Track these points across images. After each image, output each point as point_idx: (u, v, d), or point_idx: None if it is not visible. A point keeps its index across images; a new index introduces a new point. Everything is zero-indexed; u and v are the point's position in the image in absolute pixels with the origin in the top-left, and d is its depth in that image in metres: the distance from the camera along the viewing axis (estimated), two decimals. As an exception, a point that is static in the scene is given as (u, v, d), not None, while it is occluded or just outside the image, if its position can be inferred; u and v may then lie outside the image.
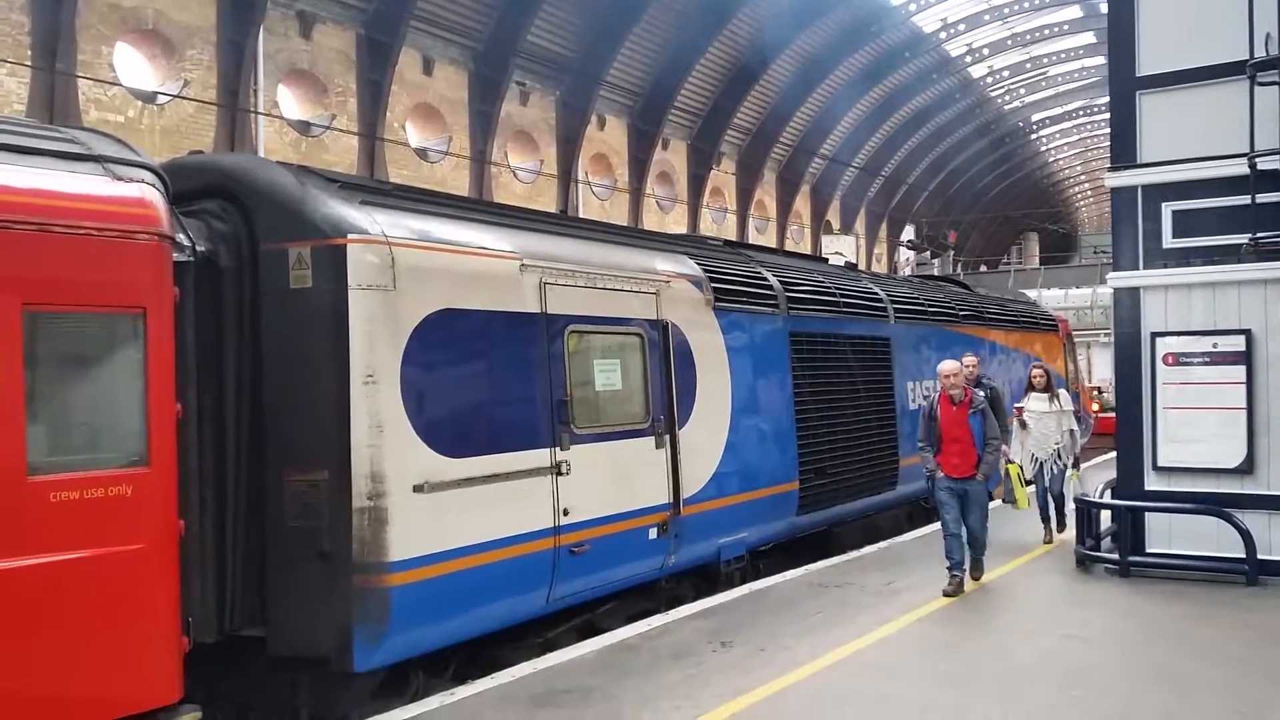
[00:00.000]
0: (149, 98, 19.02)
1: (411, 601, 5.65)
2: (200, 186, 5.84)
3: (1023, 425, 10.29)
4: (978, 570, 8.55)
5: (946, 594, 8.06)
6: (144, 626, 4.60)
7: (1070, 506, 10.08)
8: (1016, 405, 10.56)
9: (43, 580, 4.28)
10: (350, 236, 5.63)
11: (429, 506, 5.78)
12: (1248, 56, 8.18)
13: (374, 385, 5.59)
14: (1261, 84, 8.19)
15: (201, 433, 5.34)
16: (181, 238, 5.21)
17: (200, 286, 5.36)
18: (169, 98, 19.11)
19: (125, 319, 4.67)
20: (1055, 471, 10.29)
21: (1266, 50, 8.17)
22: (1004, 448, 9.45)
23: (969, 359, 9.86)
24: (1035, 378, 10.48)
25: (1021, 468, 10.18)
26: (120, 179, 4.79)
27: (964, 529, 8.32)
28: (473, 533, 6.05)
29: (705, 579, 8.53)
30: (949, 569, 8.24)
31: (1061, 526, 10.40)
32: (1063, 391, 10.65)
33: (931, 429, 8.38)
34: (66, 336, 4.64)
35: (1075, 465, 10.50)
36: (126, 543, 4.51)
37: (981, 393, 8.69)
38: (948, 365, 8.43)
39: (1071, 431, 10.29)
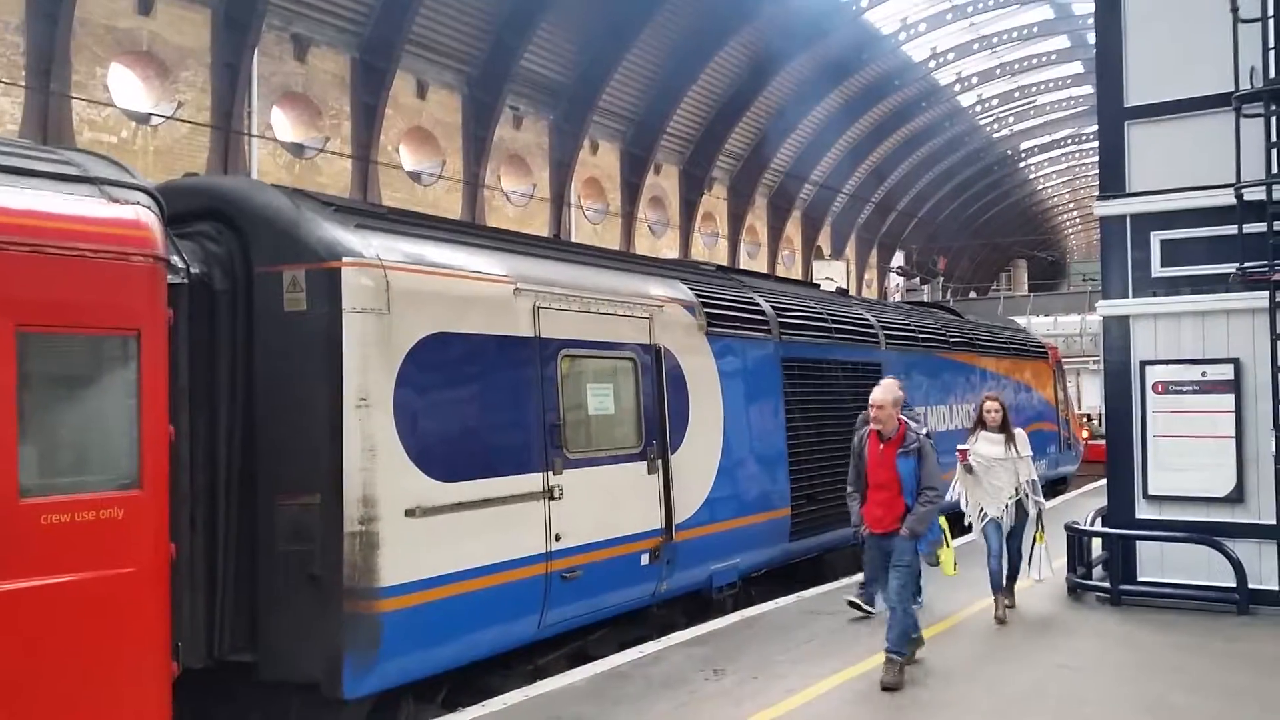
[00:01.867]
0: (143, 119, 19.06)
1: (402, 627, 5.60)
2: (195, 209, 5.83)
3: (968, 471, 8.22)
4: (905, 647, 6.66)
5: (885, 686, 6.34)
6: (133, 650, 4.55)
7: (1034, 576, 8.48)
8: (960, 447, 8.31)
9: (32, 603, 4.23)
10: (345, 260, 5.63)
11: (421, 531, 5.75)
12: (1233, 89, 8.28)
13: (367, 409, 5.58)
14: (1247, 116, 8.29)
15: (194, 455, 5.31)
16: (176, 260, 5.20)
17: (194, 309, 5.34)
18: (163, 119, 19.15)
19: (119, 341, 4.65)
20: (1012, 524, 8.37)
21: (1251, 83, 8.27)
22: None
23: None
24: (988, 412, 8.35)
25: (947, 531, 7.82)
26: (115, 201, 4.79)
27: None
28: (464, 558, 6.02)
29: (697, 605, 8.49)
30: (886, 650, 6.55)
31: (1011, 598, 8.44)
32: (1021, 433, 8.44)
33: (859, 470, 7.06)
34: (59, 358, 4.61)
35: (1040, 520, 8.45)
36: (117, 566, 4.47)
37: (919, 430, 7.02)
38: (877, 393, 6.86)
39: (1032, 483, 8.31)
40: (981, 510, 8.31)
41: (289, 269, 5.61)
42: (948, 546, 7.51)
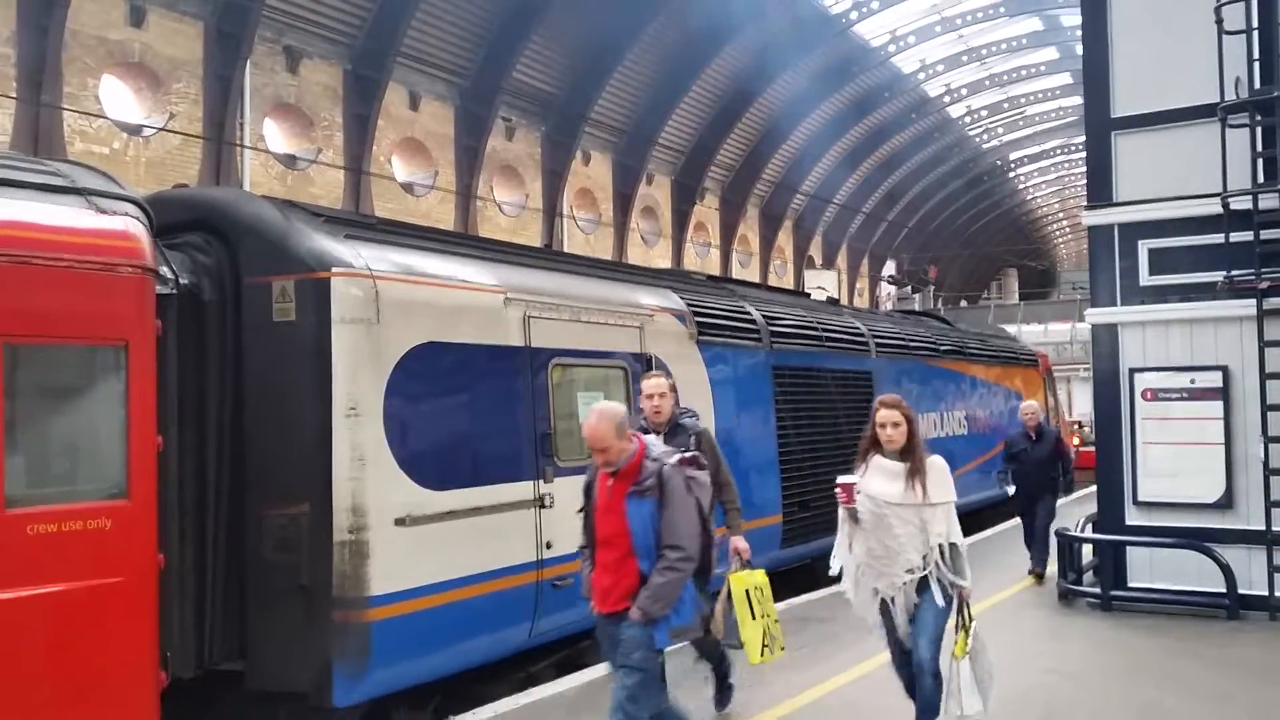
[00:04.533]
0: (134, 130, 19.05)
1: (392, 636, 5.60)
2: (184, 220, 5.84)
3: (853, 519, 5.23)
4: None
5: None
6: (121, 660, 4.54)
7: (956, 711, 5.13)
8: (843, 480, 5.22)
9: (20, 614, 4.22)
10: (334, 270, 5.64)
11: (411, 540, 5.75)
12: (1219, 99, 8.35)
13: (356, 418, 5.58)
14: (1232, 126, 8.36)
15: (182, 465, 5.30)
16: (165, 270, 5.21)
17: (183, 319, 5.34)
18: (154, 130, 19.15)
19: (107, 351, 4.65)
20: (926, 617, 5.13)
21: (1237, 93, 8.35)
22: (738, 545, 5.80)
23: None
24: (880, 426, 5.17)
25: (752, 593, 5.62)
26: (104, 212, 4.80)
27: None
28: (455, 567, 6.01)
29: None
30: None
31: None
32: (937, 463, 5.17)
33: (587, 519, 4.82)
34: (47, 369, 4.62)
35: (961, 615, 5.14)
36: (105, 576, 4.46)
37: (657, 464, 4.58)
38: (589, 419, 4.58)
39: (951, 547, 5.11)
40: (876, 590, 5.24)
41: (278, 279, 5.61)
42: (754, 618, 5.48)
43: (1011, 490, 10.74)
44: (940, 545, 5.10)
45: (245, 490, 5.55)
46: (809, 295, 14.67)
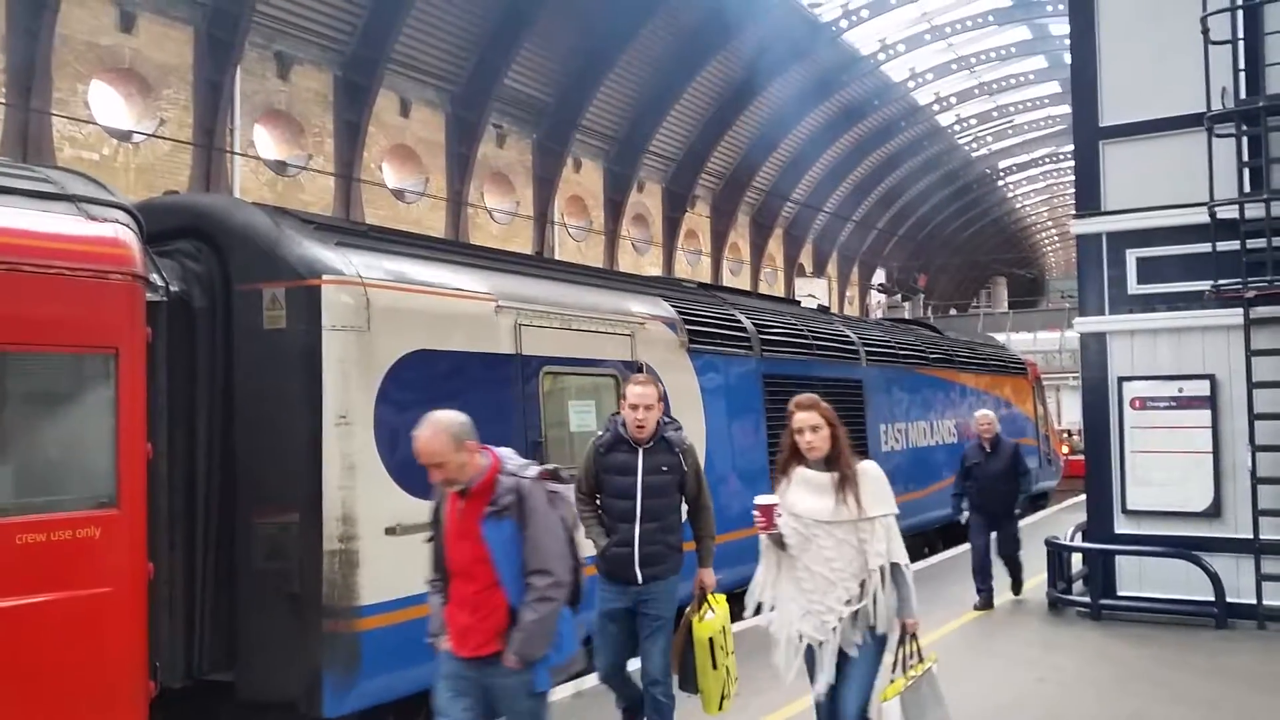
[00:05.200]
0: (124, 136, 19.00)
1: (383, 646, 5.57)
2: (175, 226, 5.82)
3: (779, 545, 4.44)
4: None
5: None
6: (110, 671, 4.51)
7: None
8: (760, 501, 4.40)
9: (7, 623, 4.19)
10: (325, 277, 5.63)
11: (401, 549, 5.73)
12: (1205, 109, 8.41)
13: (347, 426, 5.57)
14: (1219, 135, 8.42)
15: (172, 474, 5.28)
16: (155, 278, 5.19)
17: (173, 327, 5.33)
18: (144, 136, 19.09)
19: (97, 359, 4.63)
20: (858, 661, 4.37)
21: (1223, 103, 8.41)
22: (705, 580, 5.32)
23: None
24: (799, 432, 4.43)
25: (722, 635, 5.12)
26: (94, 219, 4.78)
27: None
28: (445, 575, 6.00)
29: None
30: None
31: None
32: (870, 470, 4.43)
33: (436, 547, 4.11)
34: (36, 376, 4.60)
35: (904, 652, 4.48)
36: (94, 586, 4.43)
37: (514, 479, 3.94)
38: (421, 433, 3.89)
39: (892, 569, 4.32)
40: (800, 634, 4.38)
41: (269, 287, 5.60)
42: (715, 667, 4.99)
43: (965, 518, 9.58)
44: (881, 568, 4.27)
45: (235, 499, 5.53)
46: (799, 303, 14.70)
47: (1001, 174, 53.98)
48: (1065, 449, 23.29)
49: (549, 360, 7.03)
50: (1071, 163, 10.07)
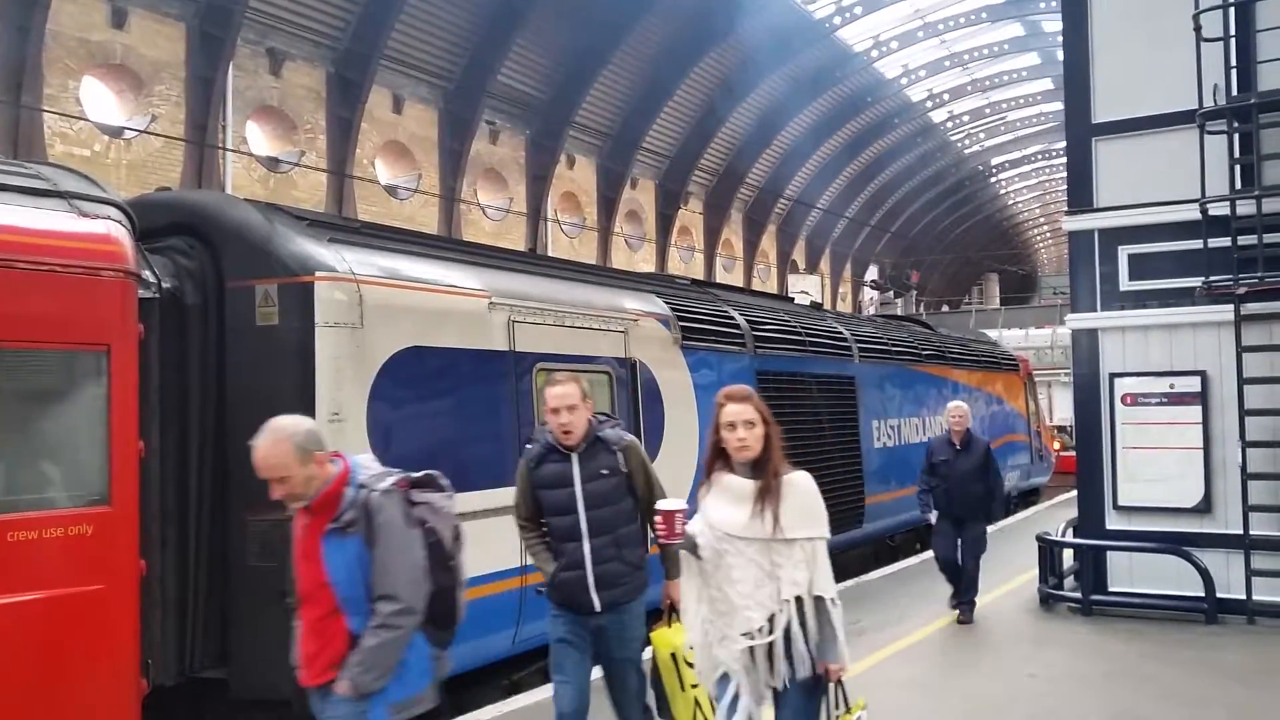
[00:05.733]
0: (116, 132, 18.93)
1: (375, 642, 5.57)
2: (167, 223, 5.81)
3: (694, 554, 3.84)
4: None
5: None
6: (102, 668, 4.51)
7: None
8: (663, 506, 3.82)
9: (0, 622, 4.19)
10: (318, 274, 5.62)
11: (394, 546, 5.73)
12: (1197, 106, 8.44)
13: (340, 423, 5.56)
14: (1210, 132, 8.45)
15: (164, 471, 5.27)
16: (147, 274, 5.18)
17: (165, 324, 5.32)
18: (136, 133, 19.02)
19: (89, 356, 4.62)
20: (784, 712, 3.71)
21: (1215, 100, 8.43)
22: (672, 593, 4.61)
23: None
24: (730, 426, 3.81)
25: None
26: (86, 215, 4.77)
27: None
28: (438, 572, 6.00)
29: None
30: None
31: None
32: (800, 482, 3.79)
33: (290, 569, 3.77)
34: (28, 373, 4.58)
35: (830, 702, 3.75)
36: (86, 583, 4.42)
37: (362, 491, 3.55)
38: (260, 444, 3.57)
39: (819, 603, 3.66)
40: (717, 662, 3.78)
41: (261, 283, 5.59)
42: (683, 689, 4.46)
43: (933, 518, 8.74)
44: (798, 600, 3.57)
45: (228, 496, 5.52)
46: (792, 300, 14.71)
47: (994, 171, 54.10)
48: (1057, 445, 23.36)
49: (542, 357, 7.03)
50: (1063, 159, 10.09)
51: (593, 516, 4.51)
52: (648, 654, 4.65)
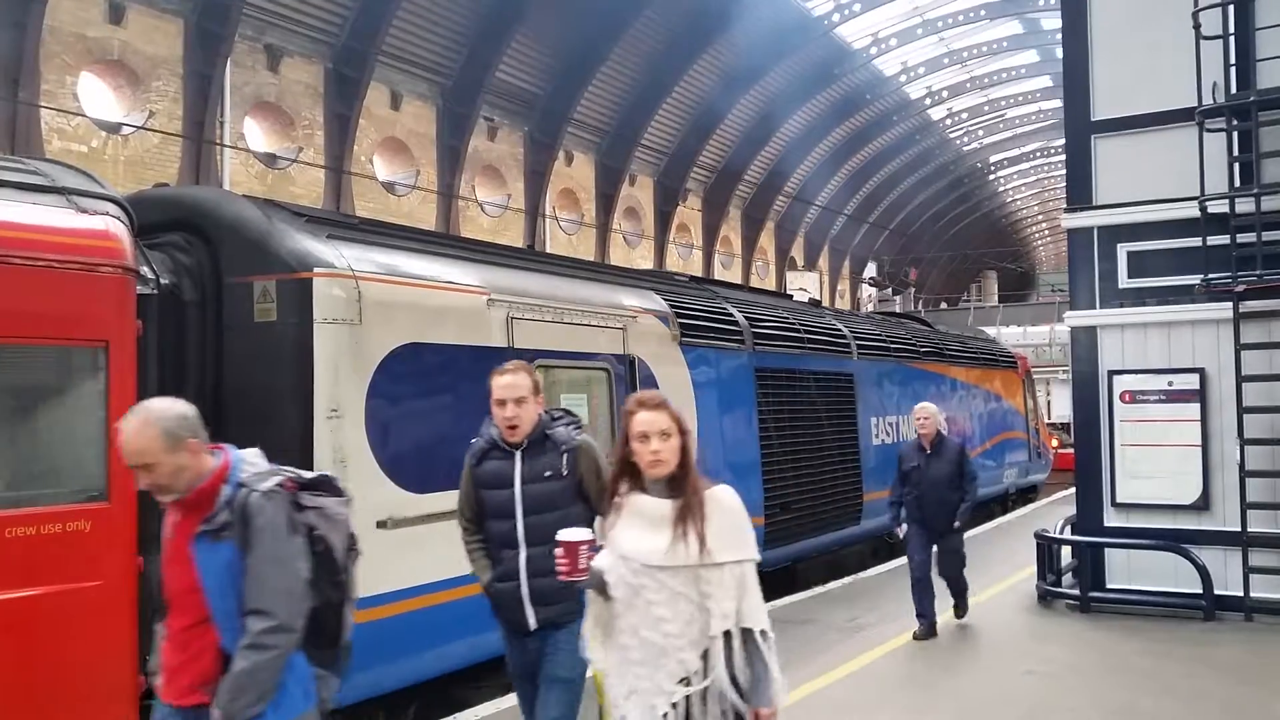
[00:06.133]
0: (113, 128, 18.89)
1: (372, 640, 5.56)
2: (165, 219, 5.80)
3: (602, 593, 3.26)
4: None
5: None
6: (100, 665, 4.50)
7: None
8: (565, 537, 3.39)
9: (-4, 618, 4.18)
10: (316, 270, 5.61)
11: (392, 543, 5.73)
12: (1196, 103, 8.44)
13: (338, 419, 5.56)
14: (1210, 130, 8.44)
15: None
16: (145, 270, 5.17)
17: (164, 319, 5.31)
18: (134, 129, 18.99)
19: (87, 352, 4.62)
20: None
21: (1214, 98, 8.43)
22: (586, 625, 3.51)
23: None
24: (643, 438, 3.20)
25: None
26: (84, 211, 4.76)
27: None
28: (436, 570, 5.99)
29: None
30: None
31: None
32: (723, 495, 3.25)
33: (157, 570, 3.53)
34: (27, 369, 4.58)
35: None
36: (84, 579, 4.42)
37: (241, 490, 3.14)
38: (126, 427, 3.15)
39: (748, 635, 3.14)
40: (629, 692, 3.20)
41: (259, 279, 5.58)
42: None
43: (902, 533, 8.17)
44: (729, 634, 3.10)
45: (226, 492, 5.51)
46: (791, 297, 14.71)
47: (992, 168, 54.10)
48: (1055, 442, 23.39)
49: (541, 353, 7.02)
50: (1062, 157, 10.09)
51: (532, 522, 3.97)
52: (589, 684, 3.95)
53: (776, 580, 10.20)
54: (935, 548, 8.10)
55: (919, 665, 7.28)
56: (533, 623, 4.00)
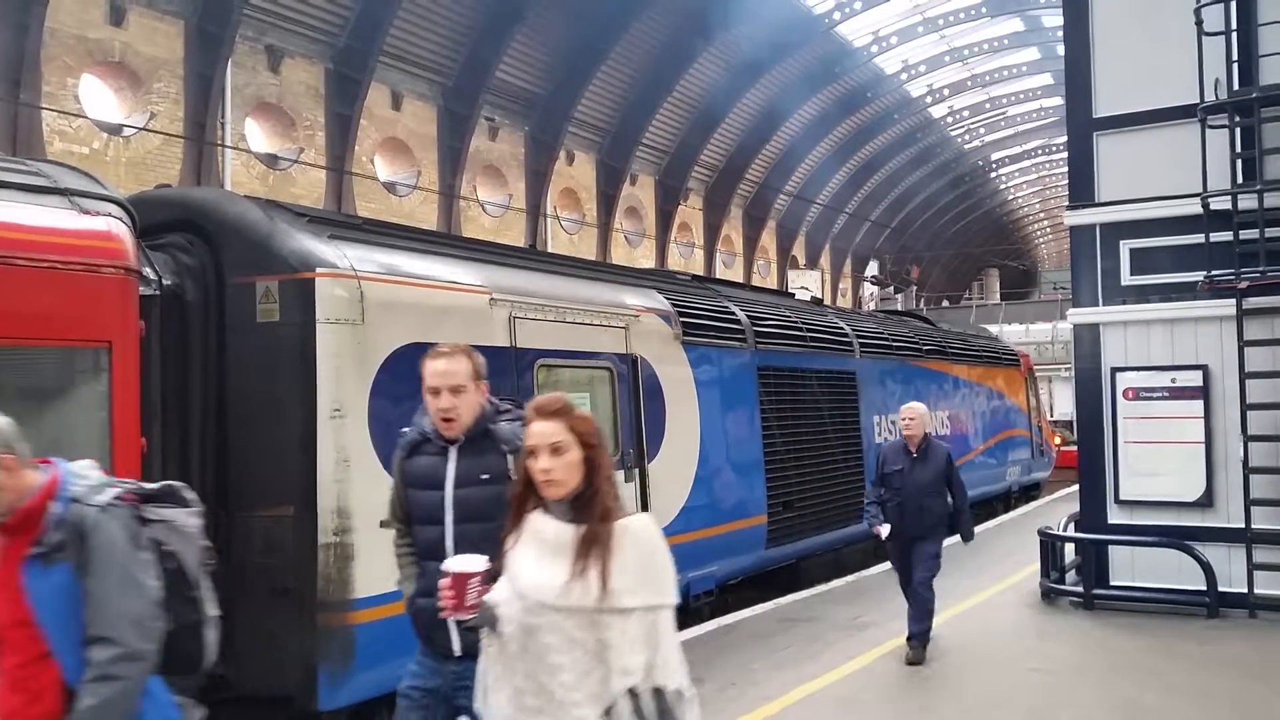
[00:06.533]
0: (115, 130, 18.90)
1: (377, 639, 5.57)
2: (167, 220, 5.81)
3: (494, 629, 2.76)
4: None
5: None
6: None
7: None
8: (451, 567, 2.91)
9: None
10: (318, 270, 5.61)
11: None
12: (1199, 100, 8.43)
13: (341, 419, 5.56)
14: (1212, 127, 8.44)
15: (165, 467, 5.26)
16: (148, 271, 5.17)
17: (166, 320, 5.31)
18: (135, 130, 19.00)
19: (90, 353, 4.62)
20: None
21: (1216, 94, 8.42)
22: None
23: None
24: (530, 451, 2.76)
25: None
26: (86, 212, 4.76)
27: None
28: (440, 568, 5.99)
29: (674, 613, 8.48)
30: None
31: None
32: (638, 527, 2.75)
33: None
34: (29, 370, 4.58)
35: None
36: (87, 580, 4.42)
37: (75, 507, 2.80)
38: None
39: (659, 696, 2.65)
40: None
41: (262, 280, 5.58)
42: None
43: (885, 531, 7.49)
44: (633, 693, 2.62)
45: (229, 493, 5.52)
46: (793, 295, 14.71)
47: (994, 166, 54.05)
48: (1058, 439, 23.38)
49: (544, 353, 7.03)
50: (1064, 154, 10.09)
51: (464, 531, 3.41)
52: None
53: (780, 578, 10.20)
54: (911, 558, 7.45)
55: (923, 663, 7.27)
56: (457, 648, 3.39)
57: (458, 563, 2.89)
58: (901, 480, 7.42)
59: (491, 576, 2.82)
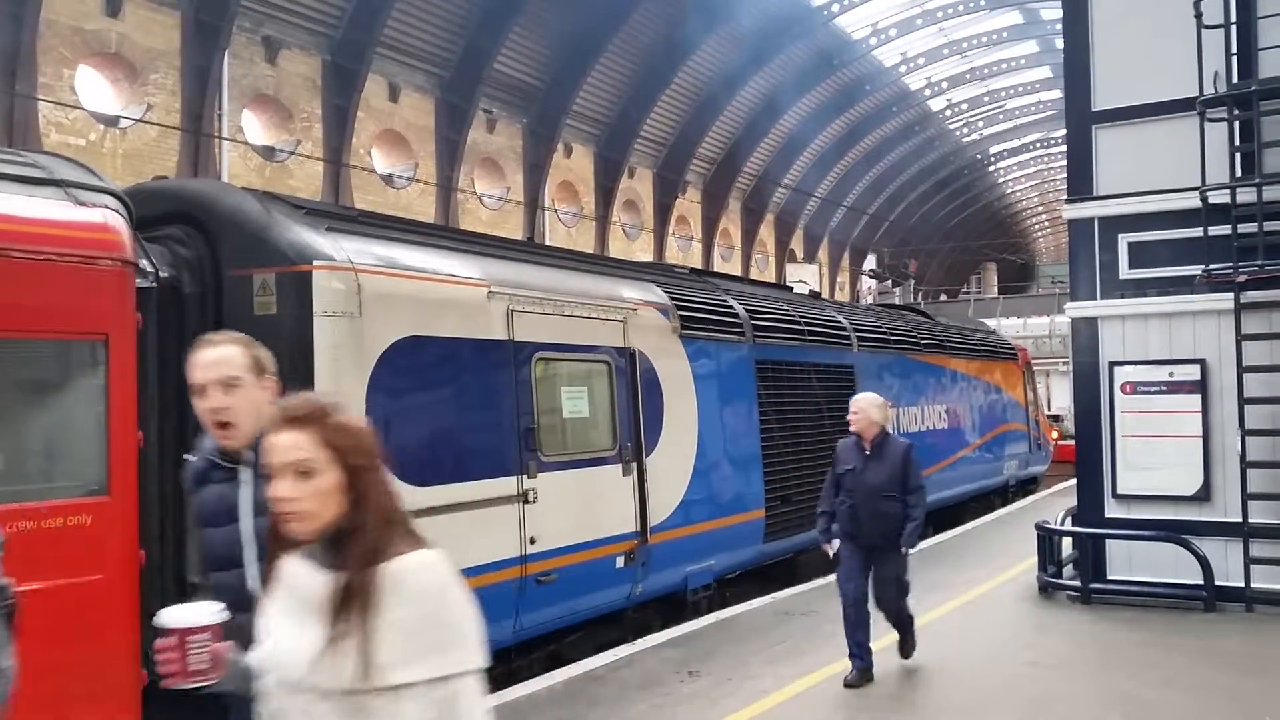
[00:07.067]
0: (111, 121, 18.85)
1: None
2: (164, 212, 5.78)
3: (245, 695, 2.17)
4: None
5: None
6: (102, 659, 4.50)
7: None
8: (167, 622, 2.16)
9: (-3, 613, 4.17)
10: (316, 263, 5.60)
11: (394, 535, 5.72)
12: (1198, 93, 8.41)
13: (339, 413, 5.54)
14: (1211, 120, 8.42)
15: (163, 461, 5.25)
16: (144, 263, 5.15)
17: (163, 312, 5.29)
18: (132, 122, 18.95)
19: (86, 346, 4.60)
20: None
21: (1215, 88, 8.41)
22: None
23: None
24: (274, 469, 2.00)
25: None
26: (83, 204, 4.73)
27: None
28: (438, 562, 5.99)
29: (672, 607, 8.50)
30: None
31: None
32: (418, 566, 2.02)
33: None
34: (26, 363, 4.56)
35: None
36: (85, 573, 4.41)
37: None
38: None
39: None
40: None
41: (259, 272, 5.57)
42: None
43: (834, 548, 6.70)
44: None
45: (226, 486, 5.50)
46: (791, 289, 14.69)
47: (992, 159, 54.05)
48: (1055, 433, 23.39)
49: (541, 346, 7.01)
50: (1062, 148, 10.07)
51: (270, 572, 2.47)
52: None
53: (778, 572, 10.20)
54: (871, 572, 6.62)
55: (920, 656, 7.27)
56: None
57: (175, 614, 2.19)
58: (854, 481, 6.57)
59: (237, 631, 2.19)
